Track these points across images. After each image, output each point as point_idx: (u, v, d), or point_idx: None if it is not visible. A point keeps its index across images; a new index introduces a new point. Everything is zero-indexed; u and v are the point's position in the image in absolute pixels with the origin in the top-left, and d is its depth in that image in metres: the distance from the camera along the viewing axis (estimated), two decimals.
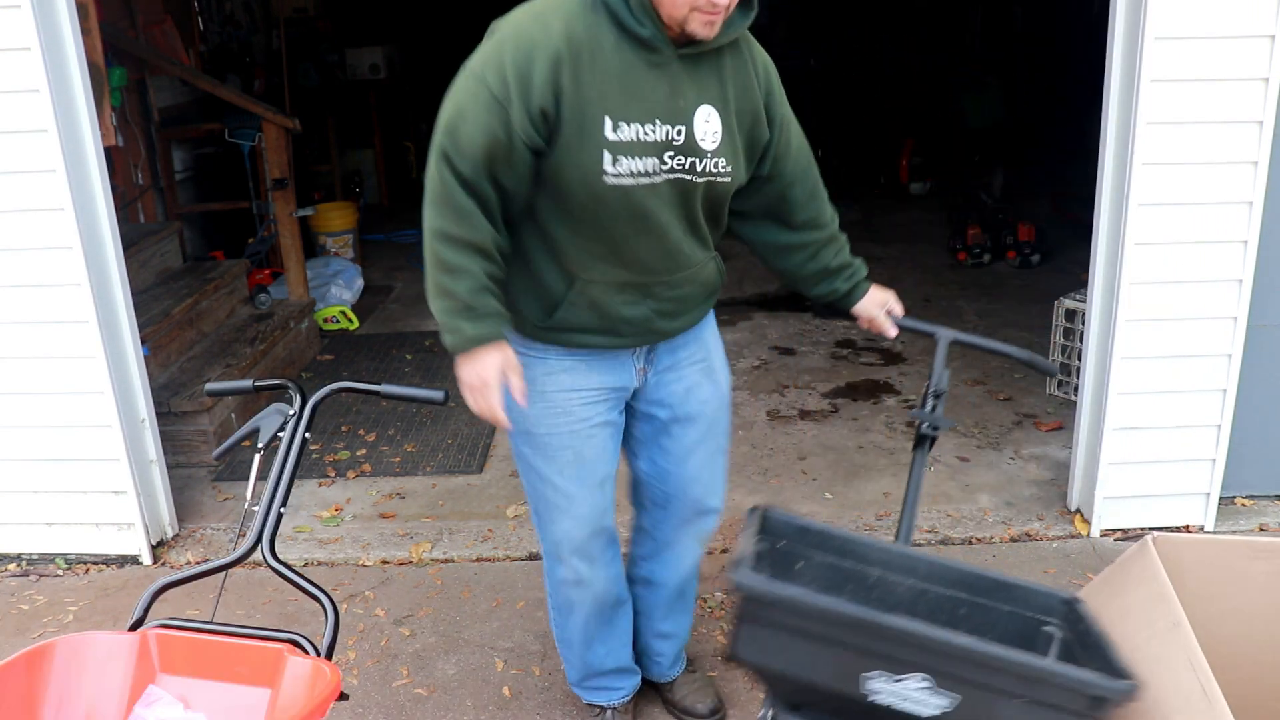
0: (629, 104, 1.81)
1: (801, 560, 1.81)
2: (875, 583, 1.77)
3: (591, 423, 2.11)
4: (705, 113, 1.89)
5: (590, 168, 1.82)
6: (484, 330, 1.89)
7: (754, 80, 1.98)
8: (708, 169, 1.91)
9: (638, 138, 1.83)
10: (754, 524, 1.76)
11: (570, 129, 1.80)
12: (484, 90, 1.79)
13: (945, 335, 2.15)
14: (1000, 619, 1.69)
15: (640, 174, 1.85)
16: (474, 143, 1.80)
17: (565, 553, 2.21)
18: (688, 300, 2.08)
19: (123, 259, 3.22)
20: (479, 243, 1.86)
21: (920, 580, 1.75)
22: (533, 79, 1.77)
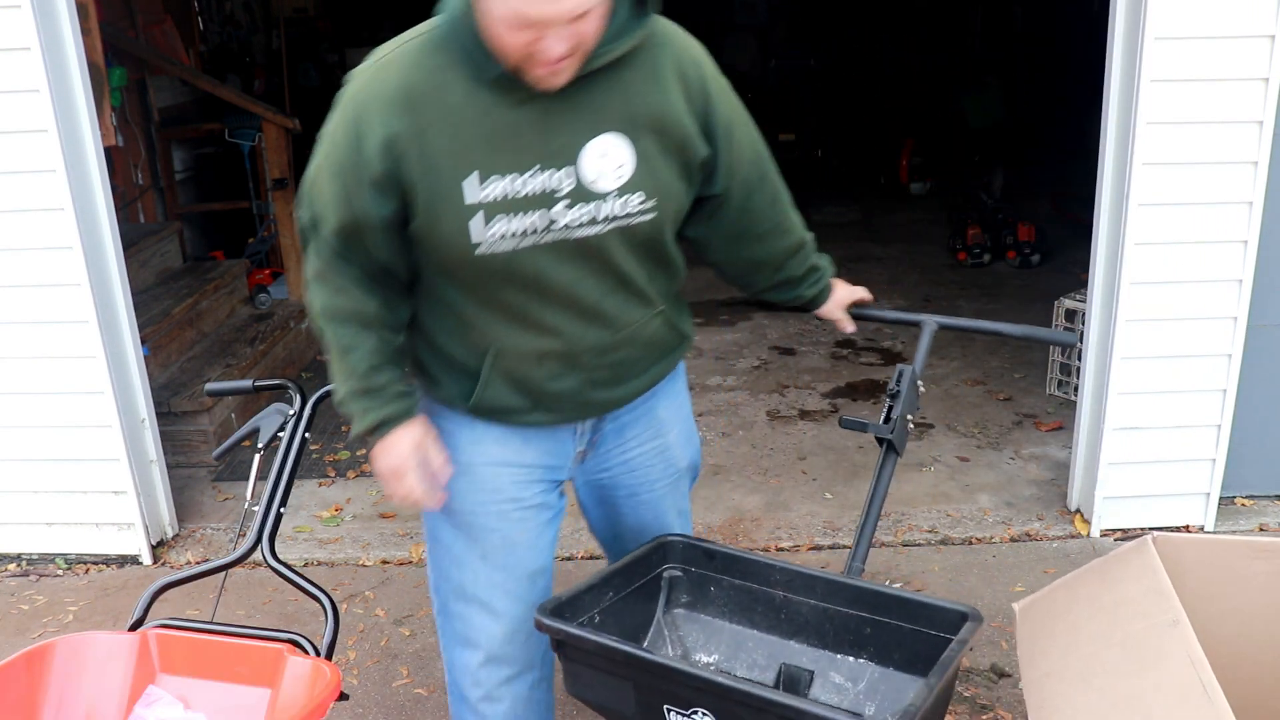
0: (495, 155, 1.51)
1: (714, 585, 1.83)
2: (782, 604, 1.77)
3: (524, 504, 1.79)
4: (600, 146, 1.54)
5: (456, 239, 1.54)
6: (386, 411, 1.66)
7: (672, 90, 1.59)
8: (613, 213, 1.58)
9: (512, 193, 1.52)
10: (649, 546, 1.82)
11: (425, 196, 1.52)
12: (329, 160, 1.57)
13: (931, 322, 2.11)
14: (905, 638, 1.67)
15: (523, 234, 1.54)
16: (330, 215, 1.58)
17: (476, 664, 1.84)
18: (628, 365, 1.76)
19: (123, 259, 3.22)
20: (363, 314, 1.63)
21: (820, 600, 1.74)
22: (365, 145, 1.51)
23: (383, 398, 1.66)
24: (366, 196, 1.54)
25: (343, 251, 1.61)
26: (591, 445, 1.84)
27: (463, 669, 1.87)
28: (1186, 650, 1.52)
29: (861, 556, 1.94)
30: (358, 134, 1.51)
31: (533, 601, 1.80)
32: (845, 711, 1.64)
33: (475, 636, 1.83)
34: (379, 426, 1.67)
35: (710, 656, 1.81)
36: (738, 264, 1.92)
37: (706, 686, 1.46)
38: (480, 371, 1.69)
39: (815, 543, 3.34)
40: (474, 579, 1.81)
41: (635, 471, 1.88)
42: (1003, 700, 2.59)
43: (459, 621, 1.84)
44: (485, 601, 1.81)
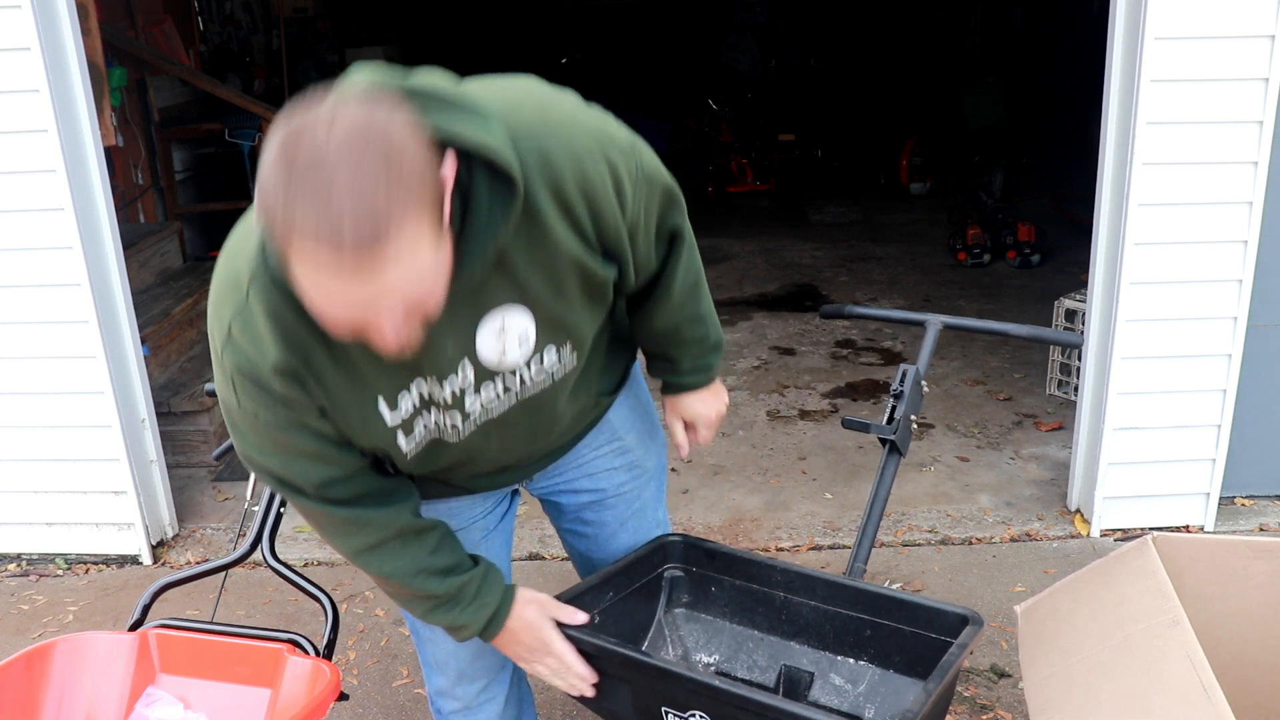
0: (392, 375, 1.34)
1: (715, 585, 1.82)
2: (783, 604, 1.77)
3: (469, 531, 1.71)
4: (493, 326, 1.36)
5: (386, 451, 1.43)
6: (488, 607, 1.53)
7: (557, 233, 1.31)
8: (529, 379, 1.45)
9: (424, 397, 1.39)
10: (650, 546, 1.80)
11: (344, 425, 1.37)
12: (260, 423, 1.34)
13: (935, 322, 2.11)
14: (906, 640, 1.66)
15: (443, 429, 1.44)
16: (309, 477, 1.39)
17: (449, 683, 1.83)
18: (565, 446, 1.70)
19: (123, 259, 3.22)
20: (401, 529, 1.47)
21: (820, 601, 1.73)
22: (284, 395, 1.31)
23: (467, 598, 1.52)
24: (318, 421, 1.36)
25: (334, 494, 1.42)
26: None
27: (439, 690, 1.85)
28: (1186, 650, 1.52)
29: (863, 557, 1.94)
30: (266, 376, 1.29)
31: None
32: (843, 715, 1.64)
33: (444, 659, 1.81)
34: (489, 625, 1.54)
35: (711, 657, 1.81)
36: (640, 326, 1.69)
37: (703, 690, 1.46)
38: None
39: (815, 543, 3.34)
40: None
41: (595, 476, 1.79)
42: (1003, 700, 2.59)
43: (429, 645, 1.81)
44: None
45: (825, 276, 6.20)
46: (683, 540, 1.84)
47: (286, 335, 1.26)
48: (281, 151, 1.05)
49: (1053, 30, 8.87)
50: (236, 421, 1.38)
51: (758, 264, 6.54)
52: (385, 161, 1.04)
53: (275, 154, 1.05)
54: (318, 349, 1.28)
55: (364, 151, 1.03)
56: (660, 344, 1.71)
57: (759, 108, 8.94)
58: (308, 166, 1.03)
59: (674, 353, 1.72)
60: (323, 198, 1.02)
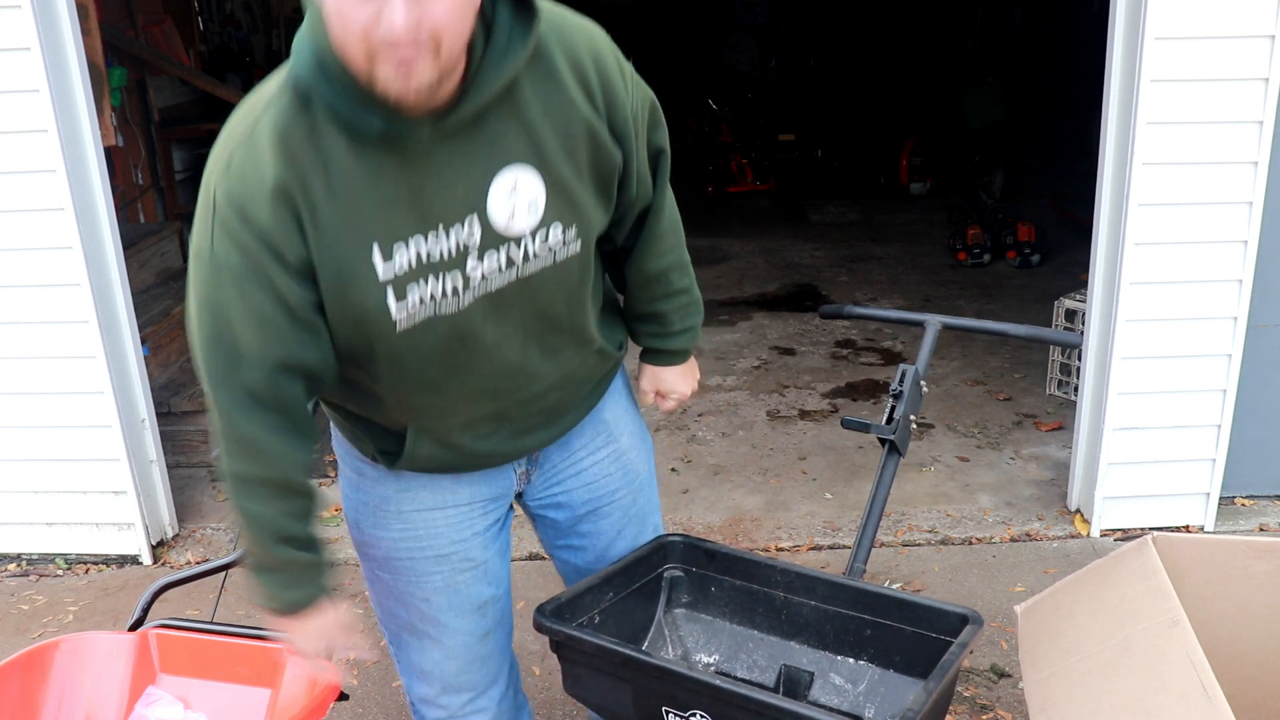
0: (394, 218, 1.32)
1: (714, 585, 1.82)
2: (783, 604, 1.77)
3: (468, 543, 1.67)
4: (506, 183, 1.37)
5: (374, 318, 1.36)
6: (299, 594, 1.52)
7: (573, 92, 1.39)
8: (534, 252, 1.42)
9: (421, 259, 1.35)
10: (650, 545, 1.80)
11: (332, 275, 1.33)
12: (226, 268, 1.31)
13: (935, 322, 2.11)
14: (906, 640, 1.66)
15: (441, 298, 1.39)
16: (255, 341, 1.34)
17: (435, 693, 1.78)
18: (560, 406, 1.63)
19: (123, 259, 3.22)
20: (274, 479, 1.43)
21: (820, 601, 1.73)
22: (266, 222, 1.29)
23: (291, 573, 1.51)
24: (289, 283, 1.32)
25: (266, 386, 1.37)
26: (534, 464, 1.71)
27: (422, 698, 1.80)
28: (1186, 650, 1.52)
29: (863, 557, 1.94)
30: (254, 219, 1.29)
31: (484, 631, 1.74)
32: (843, 714, 1.64)
33: (430, 669, 1.75)
34: (282, 608, 1.53)
35: (711, 657, 1.81)
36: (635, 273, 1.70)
37: (703, 689, 1.46)
38: (404, 439, 1.55)
39: (815, 543, 3.34)
40: (420, 617, 1.70)
41: (592, 485, 1.75)
42: (1003, 700, 2.59)
43: (413, 653, 1.76)
44: (435, 638, 1.72)
45: (825, 276, 6.20)
46: (683, 540, 1.84)
47: (291, 154, 1.28)
48: None
49: (1053, 30, 8.87)
50: (200, 274, 1.34)
51: (758, 264, 6.54)
52: None
53: None
54: (319, 178, 1.29)
55: None
56: (652, 295, 1.71)
57: (759, 108, 8.93)
58: None
59: (664, 307, 1.72)
60: None
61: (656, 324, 1.75)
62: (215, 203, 1.31)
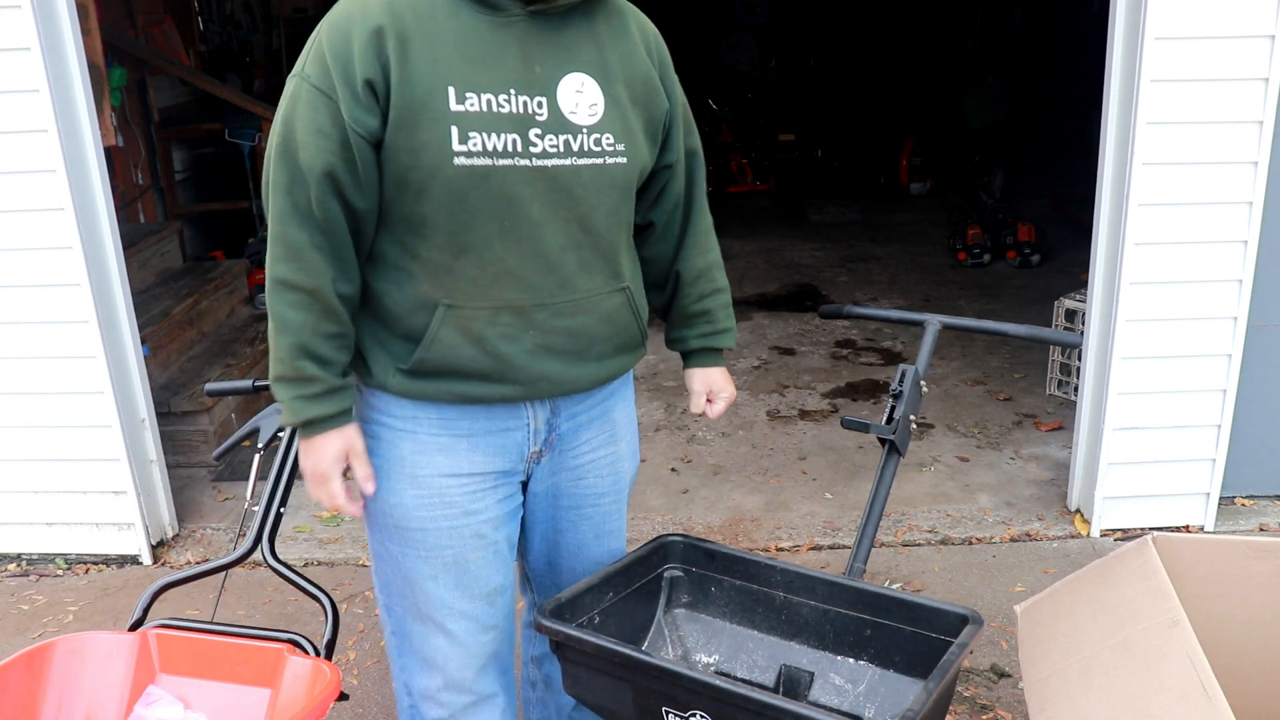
0: (474, 72, 1.49)
1: (714, 585, 1.83)
2: (783, 605, 1.77)
3: (480, 518, 1.67)
4: (575, 81, 1.55)
5: (436, 148, 1.48)
6: (313, 411, 1.55)
7: (638, 46, 1.65)
8: (588, 147, 1.56)
9: (490, 109, 1.49)
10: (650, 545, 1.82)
11: (405, 105, 1.47)
12: (305, 87, 1.49)
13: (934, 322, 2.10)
14: (906, 640, 1.67)
15: (500, 153, 1.50)
16: (310, 150, 1.49)
17: (437, 687, 1.76)
18: (584, 338, 1.64)
19: (123, 259, 3.22)
20: (311, 287, 1.51)
21: (820, 601, 1.74)
22: (352, 56, 1.46)
23: (313, 390, 1.54)
24: (353, 109, 1.47)
25: (317, 200, 1.50)
26: (548, 446, 1.72)
27: (423, 692, 1.78)
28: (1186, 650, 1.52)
29: (863, 557, 1.94)
30: (342, 50, 1.47)
31: (491, 624, 1.73)
32: (843, 714, 1.64)
33: (435, 657, 1.75)
34: (306, 425, 1.56)
35: (710, 657, 1.81)
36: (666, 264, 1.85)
37: (703, 689, 1.46)
38: (427, 328, 1.56)
39: (815, 543, 3.34)
40: (427, 599, 1.69)
41: (583, 480, 1.79)
42: (1003, 700, 2.59)
43: (418, 640, 1.75)
44: (440, 623, 1.71)
45: (825, 276, 6.21)
46: (683, 540, 1.84)
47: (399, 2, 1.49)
48: None
49: (1053, 30, 8.87)
50: (286, 93, 1.53)
51: (758, 264, 6.54)
52: None
53: None
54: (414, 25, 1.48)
55: None
56: (701, 291, 1.88)
57: (759, 108, 8.94)
58: None
59: (712, 305, 1.91)
60: None
61: (706, 323, 1.93)
62: (319, 37, 1.51)
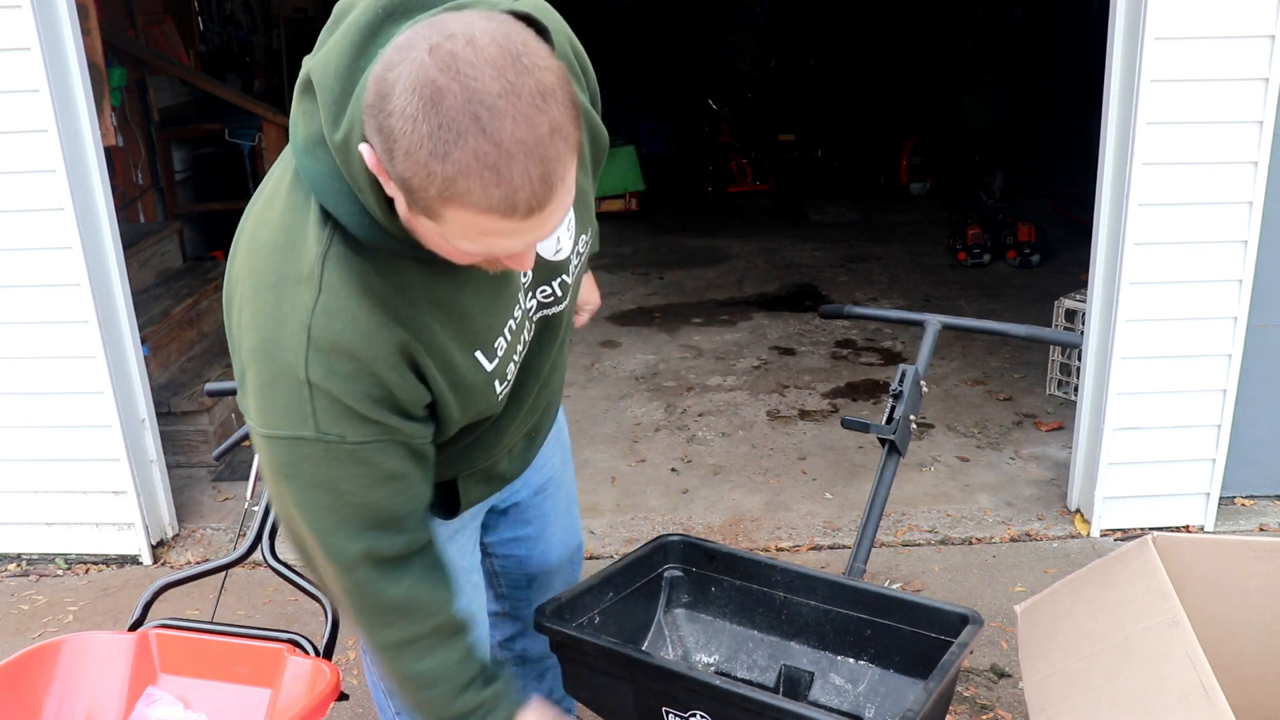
0: (488, 318, 1.29)
1: (714, 585, 1.82)
2: (783, 604, 1.77)
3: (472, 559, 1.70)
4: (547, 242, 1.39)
5: (488, 404, 1.35)
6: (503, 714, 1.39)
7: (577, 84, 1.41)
8: (571, 263, 1.41)
9: (512, 336, 1.34)
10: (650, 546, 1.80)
11: (450, 401, 1.28)
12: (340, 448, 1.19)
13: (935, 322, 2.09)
14: (906, 640, 1.66)
15: (520, 351, 1.39)
16: (384, 506, 1.25)
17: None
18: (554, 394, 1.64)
19: (123, 259, 3.22)
20: (438, 626, 1.34)
21: (820, 601, 1.73)
22: (390, 388, 1.19)
23: (484, 711, 1.38)
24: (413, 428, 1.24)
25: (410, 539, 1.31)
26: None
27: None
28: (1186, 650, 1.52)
29: (863, 557, 1.94)
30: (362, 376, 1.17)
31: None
32: (843, 714, 1.64)
33: None
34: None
35: (710, 657, 1.81)
36: None
37: (704, 689, 1.46)
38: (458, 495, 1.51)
39: (815, 543, 3.34)
40: None
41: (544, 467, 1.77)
42: (1003, 700, 2.59)
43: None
44: None
45: (825, 276, 6.20)
46: (682, 540, 1.84)
47: (388, 308, 1.16)
48: (425, 101, 0.95)
49: (1053, 30, 8.87)
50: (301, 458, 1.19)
51: (758, 264, 6.54)
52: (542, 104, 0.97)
53: (415, 102, 0.95)
54: (417, 318, 1.19)
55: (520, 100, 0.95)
56: None
57: (759, 108, 8.93)
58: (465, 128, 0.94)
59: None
60: (491, 168, 0.95)
61: None
62: (310, 386, 1.15)
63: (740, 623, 1.81)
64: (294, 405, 1.16)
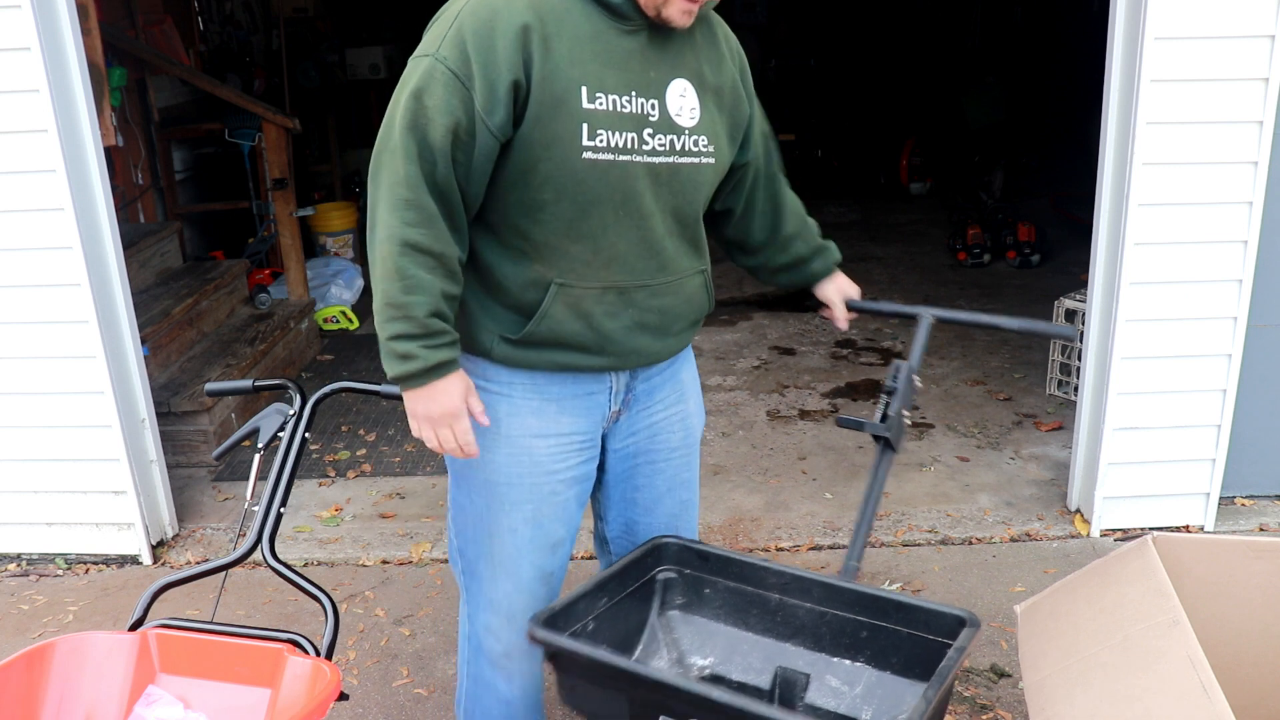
0: (604, 74, 1.65)
1: (708, 587, 1.82)
2: (777, 606, 1.76)
3: (559, 477, 1.86)
4: (680, 87, 1.74)
5: (568, 142, 1.63)
6: (442, 356, 1.66)
7: (726, 55, 1.85)
8: (688, 147, 1.75)
9: (615, 109, 1.66)
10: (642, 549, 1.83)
11: (542, 102, 1.61)
12: (441, 69, 1.59)
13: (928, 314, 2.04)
14: (903, 642, 1.66)
15: (620, 149, 1.67)
16: (440, 130, 1.60)
17: (500, 623, 1.95)
18: (671, 315, 1.85)
19: (123, 259, 3.22)
20: (443, 254, 1.64)
21: (816, 603, 1.72)
22: (497, 51, 1.58)
23: (440, 340, 1.66)
24: (489, 104, 1.59)
25: (443, 175, 1.63)
26: (626, 406, 1.90)
27: (485, 627, 1.96)
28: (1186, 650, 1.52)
29: (857, 555, 1.93)
30: (487, 42, 1.58)
31: (549, 571, 1.92)
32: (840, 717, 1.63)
33: (500, 600, 1.92)
34: (433, 369, 1.66)
35: (705, 659, 1.81)
36: (758, 236, 2.06)
37: (700, 701, 1.46)
38: (540, 303, 1.74)
39: (815, 543, 3.34)
40: (502, 548, 1.88)
41: (658, 436, 1.96)
42: (1003, 700, 2.59)
43: (487, 584, 1.92)
44: (510, 570, 1.90)
45: None
46: (676, 543, 1.84)
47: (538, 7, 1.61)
48: None
49: (1053, 30, 8.87)
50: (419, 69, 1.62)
51: None
52: None
53: None
54: (555, 27, 1.61)
55: None
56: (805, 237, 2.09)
57: None
58: None
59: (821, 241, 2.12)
60: None
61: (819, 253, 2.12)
62: (459, 22, 1.60)
63: (735, 624, 1.81)
64: (439, 32, 1.63)
